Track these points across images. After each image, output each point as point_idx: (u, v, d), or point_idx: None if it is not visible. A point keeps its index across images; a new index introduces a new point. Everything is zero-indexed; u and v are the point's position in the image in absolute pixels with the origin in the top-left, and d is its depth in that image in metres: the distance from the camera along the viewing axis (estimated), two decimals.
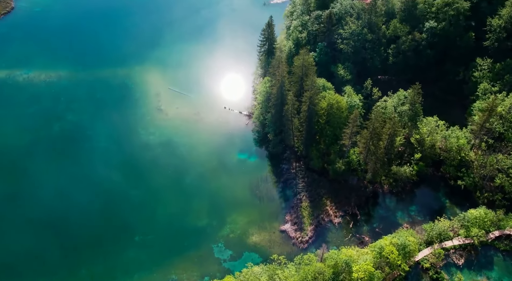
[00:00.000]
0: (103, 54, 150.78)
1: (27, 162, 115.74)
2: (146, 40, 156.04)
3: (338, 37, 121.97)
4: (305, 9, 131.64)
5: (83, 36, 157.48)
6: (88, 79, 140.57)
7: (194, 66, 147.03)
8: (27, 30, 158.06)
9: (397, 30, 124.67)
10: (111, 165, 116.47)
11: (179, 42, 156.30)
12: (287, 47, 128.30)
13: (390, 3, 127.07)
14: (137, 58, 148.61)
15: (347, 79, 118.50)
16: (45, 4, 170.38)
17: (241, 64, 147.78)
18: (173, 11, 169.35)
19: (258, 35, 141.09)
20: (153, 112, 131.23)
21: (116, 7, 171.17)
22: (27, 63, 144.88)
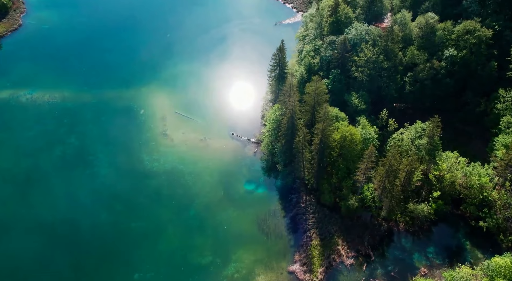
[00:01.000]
0: (109, 74, 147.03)
1: (24, 189, 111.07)
2: (154, 60, 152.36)
3: (352, 64, 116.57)
4: (318, 33, 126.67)
5: (90, 54, 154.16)
6: (92, 101, 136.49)
7: (201, 89, 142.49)
8: (33, 48, 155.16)
9: (415, 57, 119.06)
10: (113, 194, 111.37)
11: (187, 63, 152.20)
12: (298, 72, 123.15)
13: (407, 29, 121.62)
14: (144, 79, 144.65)
15: (362, 109, 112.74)
16: (52, 21, 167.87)
17: (250, 88, 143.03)
18: (182, 31, 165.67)
19: (269, 57, 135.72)
20: (158, 137, 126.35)
21: (124, 25, 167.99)
22: (31, 82, 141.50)
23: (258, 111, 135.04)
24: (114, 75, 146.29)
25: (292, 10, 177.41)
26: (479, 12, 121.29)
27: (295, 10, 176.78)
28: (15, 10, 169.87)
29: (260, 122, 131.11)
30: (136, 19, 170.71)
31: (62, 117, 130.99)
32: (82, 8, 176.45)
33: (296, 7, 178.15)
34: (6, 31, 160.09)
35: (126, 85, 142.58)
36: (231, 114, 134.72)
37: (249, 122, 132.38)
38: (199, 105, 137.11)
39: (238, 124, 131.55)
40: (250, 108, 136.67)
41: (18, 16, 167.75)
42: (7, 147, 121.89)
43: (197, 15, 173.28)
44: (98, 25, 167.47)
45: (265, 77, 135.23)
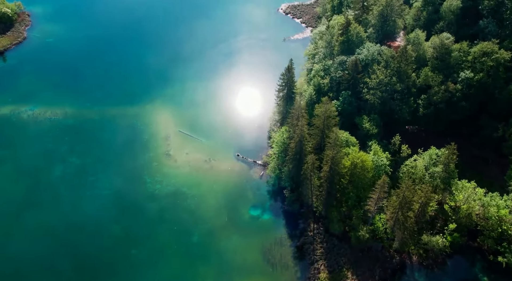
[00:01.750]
0: (113, 89, 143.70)
1: (20, 211, 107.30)
2: (159, 76, 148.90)
3: (364, 86, 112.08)
4: (328, 52, 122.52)
5: (94, 68, 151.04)
6: (95, 118, 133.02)
7: (207, 106, 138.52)
8: (37, 62, 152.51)
9: (429, 79, 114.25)
10: (113, 218, 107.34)
11: (193, 79, 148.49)
12: (307, 93, 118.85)
13: (421, 49, 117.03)
14: (148, 96, 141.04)
15: (373, 133, 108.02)
16: (57, 34, 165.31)
17: (257, 107, 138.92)
18: (188, 45, 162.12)
19: (276, 74, 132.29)
20: (161, 157, 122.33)
21: (130, 38, 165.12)
22: (33, 98, 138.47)
23: (265, 131, 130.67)
24: (118, 91, 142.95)
25: (301, 25, 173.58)
26: (496, 33, 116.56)
27: (304, 25, 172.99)
28: (20, 22, 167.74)
29: (267, 143, 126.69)
30: (142, 32, 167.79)
31: (63, 135, 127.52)
32: (88, 20, 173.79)
33: (305, 22, 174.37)
34: (10, 44, 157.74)
35: (130, 101, 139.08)
36: (237, 134, 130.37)
37: (256, 142, 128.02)
38: (204, 124, 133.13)
39: (244, 144, 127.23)
40: (256, 127, 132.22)
41: (23, 29, 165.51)
42: (6, 166, 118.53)
43: (204, 29, 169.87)
44: (103, 38, 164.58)
45: (273, 96, 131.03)
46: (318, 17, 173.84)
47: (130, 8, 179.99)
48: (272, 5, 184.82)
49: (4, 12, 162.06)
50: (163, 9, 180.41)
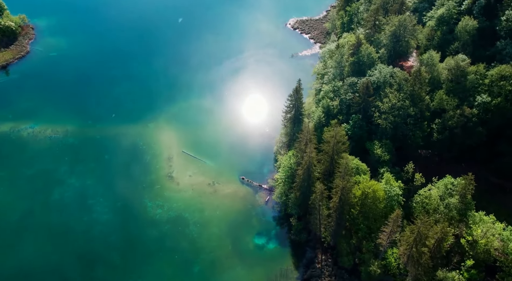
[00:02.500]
0: (116, 106, 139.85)
1: (15, 236, 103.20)
2: (163, 92, 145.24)
3: (375, 110, 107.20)
4: (337, 73, 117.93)
5: (97, 84, 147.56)
6: (96, 137, 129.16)
7: (212, 126, 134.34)
8: (39, 77, 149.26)
9: (443, 103, 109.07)
10: (111, 245, 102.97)
11: (199, 96, 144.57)
12: (316, 115, 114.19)
13: (435, 71, 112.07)
14: (152, 113, 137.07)
15: (385, 160, 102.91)
16: (61, 48, 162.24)
17: (263, 127, 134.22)
18: (195, 61, 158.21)
19: (284, 92, 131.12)
20: (163, 180, 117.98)
21: (134, 53, 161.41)
22: (34, 115, 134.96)
23: (271, 152, 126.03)
24: (121, 108, 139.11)
25: (309, 41, 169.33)
26: None
27: (312, 41, 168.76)
28: (24, 36, 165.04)
29: (273, 166, 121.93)
30: (147, 47, 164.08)
31: (63, 155, 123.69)
32: (93, 33, 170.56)
33: (314, 37, 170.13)
34: (13, 58, 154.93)
35: (133, 119, 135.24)
36: (242, 155, 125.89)
37: (261, 165, 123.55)
38: (208, 144, 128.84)
39: (249, 166, 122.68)
40: (262, 149, 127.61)
41: (26, 43, 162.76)
42: (3, 187, 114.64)
43: (211, 44, 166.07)
44: (108, 52, 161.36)
45: (280, 115, 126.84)
46: (327, 33, 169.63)
47: (136, 21, 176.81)
48: (280, 19, 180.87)
49: (7, 26, 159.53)
50: (169, 23, 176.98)
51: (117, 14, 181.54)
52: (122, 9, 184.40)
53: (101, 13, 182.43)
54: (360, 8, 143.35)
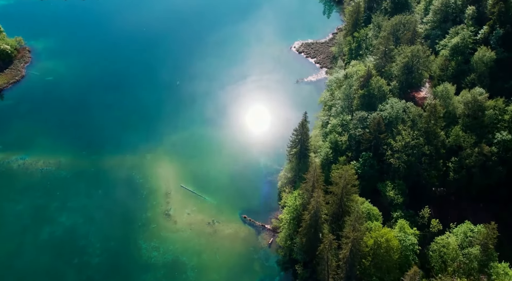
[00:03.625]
0: (112, 135, 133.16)
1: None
2: (162, 120, 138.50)
3: (387, 147, 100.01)
4: (346, 105, 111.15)
5: (94, 111, 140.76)
6: (90, 169, 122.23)
7: (212, 157, 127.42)
8: (33, 103, 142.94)
9: (460, 139, 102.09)
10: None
11: (198, 125, 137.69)
12: (323, 151, 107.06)
13: (451, 105, 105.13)
14: (150, 143, 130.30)
15: (398, 203, 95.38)
16: (57, 72, 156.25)
17: (266, 160, 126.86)
18: (195, 86, 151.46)
19: (288, 122, 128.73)
20: (159, 218, 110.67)
21: (134, 78, 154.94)
22: (26, 145, 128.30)
23: (275, 187, 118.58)
24: (117, 137, 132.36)
25: (315, 66, 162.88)
26: None
27: (318, 66, 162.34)
28: (20, 59, 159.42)
29: (277, 203, 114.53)
30: (146, 72, 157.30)
31: (55, 189, 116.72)
32: (91, 56, 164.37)
33: (320, 62, 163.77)
34: (7, 83, 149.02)
35: (130, 149, 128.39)
36: (243, 190, 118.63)
37: (264, 202, 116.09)
38: (208, 177, 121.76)
39: (251, 203, 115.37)
40: (266, 184, 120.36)
41: (22, 66, 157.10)
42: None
43: (213, 69, 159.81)
44: (106, 76, 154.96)
45: (285, 147, 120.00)
46: (333, 57, 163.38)
47: (138, 43, 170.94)
48: (285, 42, 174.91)
49: (3, 49, 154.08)
50: (170, 46, 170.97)
51: (119, 36, 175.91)
52: (124, 31, 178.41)
53: (102, 35, 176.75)
54: (368, 34, 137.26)
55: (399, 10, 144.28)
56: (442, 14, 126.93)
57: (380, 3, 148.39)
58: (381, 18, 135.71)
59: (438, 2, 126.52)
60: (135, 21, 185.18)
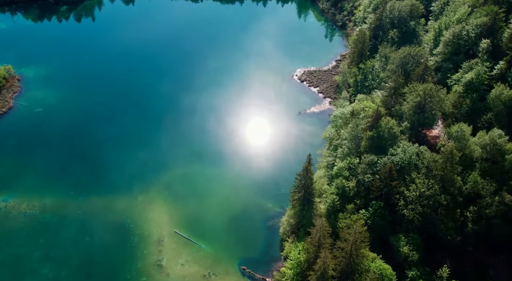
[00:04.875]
0: (102, 174, 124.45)
1: None
2: (156, 157, 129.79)
3: (399, 197, 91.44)
4: (353, 147, 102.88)
5: (84, 147, 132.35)
6: (77, 213, 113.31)
7: (210, 199, 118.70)
8: (20, 138, 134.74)
9: (478, 186, 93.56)
10: None
11: (194, 162, 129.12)
12: (329, 198, 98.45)
13: (467, 148, 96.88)
14: (142, 183, 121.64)
15: (413, 260, 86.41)
16: (47, 103, 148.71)
17: (267, 201, 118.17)
18: (192, 120, 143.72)
19: (290, 158, 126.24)
20: (151, 269, 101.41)
21: (128, 110, 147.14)
22: (10, 184, 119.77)
23: (277, 234, 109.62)
24: (107, 176, 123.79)
25: (318, 95, 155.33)
26: None
27: (321, 96, 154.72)
28: (8, 89, 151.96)
29: (279, 253, 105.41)
30: (142, 102, 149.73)
31: (38, 236, 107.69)
32: (83, 85, 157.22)
33: (323, 91, 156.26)
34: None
35: (121, 190, 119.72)
36: (243, 238, 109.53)
37: (265, 250, 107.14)
38: (205, 222, 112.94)
39: (251, 252, 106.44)
40: (266, 229, 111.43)
41: (10, 97, 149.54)
42: None
43: (211, 99, 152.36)
44: (98, 107, 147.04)
45: (286, 187, 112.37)
46: (337, 86, 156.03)
47: (131, 72, 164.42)
48: (287, 70, 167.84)
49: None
50: (167, 74, 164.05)
51: (114, 63, 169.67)
52: (119, 59, 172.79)
53: (96, 61, 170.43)
54: (375, 65, 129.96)
55: (407, 39, 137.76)
56: (453, 46, 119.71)
57: (387, 32, 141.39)
58: (388, 50, 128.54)
59: (449, 34, 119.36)
60: (131, 48, 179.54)
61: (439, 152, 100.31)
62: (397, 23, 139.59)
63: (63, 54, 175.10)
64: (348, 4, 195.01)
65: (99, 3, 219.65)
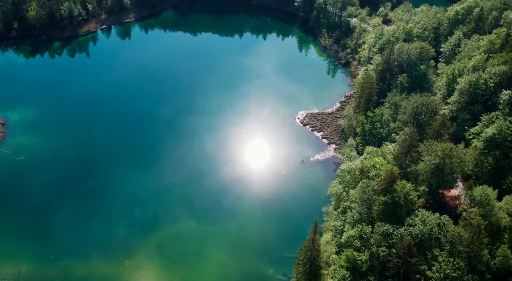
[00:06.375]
0: (87, 233, 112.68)
1: None
2: (145, 215, 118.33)
3: (420, 276, 79.90)
4: (364, 212, 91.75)
5: (67, 202, 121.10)
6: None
7: (205, 265, 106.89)
8: (0, 190, 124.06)
9: (509, 261, 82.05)
10: None
11: (188, 220, 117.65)
12: (338, 272, 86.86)
13: (493, 216, 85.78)
14: (129, 245, 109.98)
15: None
16: (31, 150, 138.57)
17: (268, 267, 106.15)
18: (186, 169, 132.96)
19: (293, 218, 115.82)
20: None
21: (118, 157, 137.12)
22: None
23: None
24: (91, 236, 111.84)
25: (322, 141, 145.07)
26: None
27: (325, 142, 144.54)
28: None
29: None
30: (131, 153, 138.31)
31: None
32: (71, 130, 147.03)
33: (327, 136, 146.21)
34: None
35: (106, 253, 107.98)
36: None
37: None
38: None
39: None
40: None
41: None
42: None
43: (208, 145, 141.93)
44: (85, 156, 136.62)
45: (289, 249, 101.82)
46: (342, 131, 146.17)
47: (123, 117, 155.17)
48: (289, 112, 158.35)
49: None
50: (162, 118, 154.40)
51: (105, 107, 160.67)
52: (113, 102, 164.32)
53: (87, 104, 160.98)
54: (384, 114, 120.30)
55: (417, 84, 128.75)
56: (469, 96, 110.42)
57: (395, 76, 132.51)
58: (398, 98, 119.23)
59: (464, 82, 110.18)
60: (126, 86, 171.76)
61: (460, 216, 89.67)
62: (406, 67, 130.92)
63: (53, 94, 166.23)
64: (351, 42, 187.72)
65: (94, 38, 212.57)
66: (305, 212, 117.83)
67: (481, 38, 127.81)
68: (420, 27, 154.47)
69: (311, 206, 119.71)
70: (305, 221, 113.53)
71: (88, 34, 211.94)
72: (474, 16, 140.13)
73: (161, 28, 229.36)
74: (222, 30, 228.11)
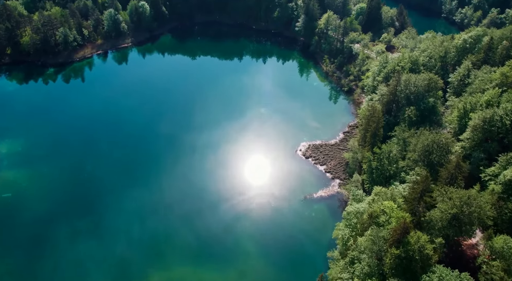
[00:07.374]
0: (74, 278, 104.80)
1: None
2: (138, 257, 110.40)
3: None
4: (375, 264, 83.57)
5: (56, 244, 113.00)
6: None
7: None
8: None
9: None
10: None
11: (184, 264, 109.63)
12: None
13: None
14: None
15: None
16: (18, 186, 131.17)
17: None
18: (181, 207, 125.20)
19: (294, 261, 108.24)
20: None
21: (111, 194, 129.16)
22: None
23: None
24: None
25: (326, 175, 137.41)
26: None
27: (329, 176, 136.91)
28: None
29: None
30: (126, 190, 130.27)
31: None
32: (62, 163, 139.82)
33: (331, 170, 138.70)
34: None
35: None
36: None
37: None
38: None
39: None
40: None
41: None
42: None
43: (205, 181, 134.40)
44: (77, 193, 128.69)
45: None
46: (346, 164, 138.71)
47: (119, 148, 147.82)
48: (289, 144, 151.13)
49: None
50: (158, 150, 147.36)
51: (100, 137, 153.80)
52: (109, 128, 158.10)
53: (79, 135, 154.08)
54: (392, 150, 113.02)
55: (426, 117, 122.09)
56: (484, 133, 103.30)
57: (402, 108, 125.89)
58: (407, 134, 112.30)
59: (478, 119, 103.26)
60: (119, 116, 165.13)
61: (479, 268, 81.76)
62: (414, 99, 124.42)
63: (45, 122, 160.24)
64: (354, 68, 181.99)
65: (90, 64, 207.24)
66: (308, 255, 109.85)
67: (493, 70, 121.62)
68: (426, 56, 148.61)
69: (315, 250, 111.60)
70: (309, 266, 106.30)
71: (84, 59, 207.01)
72: (484, 46, 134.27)
73: (159, 52, 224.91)
74: (221, 54, 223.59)
